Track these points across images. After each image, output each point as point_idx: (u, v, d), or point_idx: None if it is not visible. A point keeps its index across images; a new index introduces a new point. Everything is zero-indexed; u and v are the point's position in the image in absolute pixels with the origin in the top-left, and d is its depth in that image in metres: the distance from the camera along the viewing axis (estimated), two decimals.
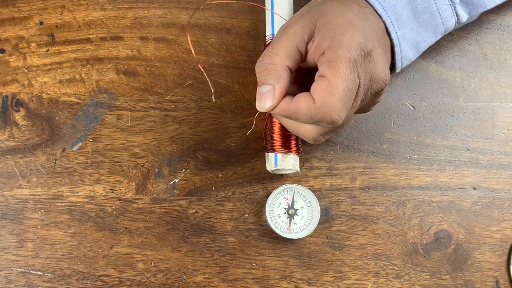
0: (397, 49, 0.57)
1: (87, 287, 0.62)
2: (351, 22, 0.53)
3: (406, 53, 0.58)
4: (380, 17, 0.55)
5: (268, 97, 0.54)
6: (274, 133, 0.62)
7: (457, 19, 0.59)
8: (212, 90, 0.58)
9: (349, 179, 0.66)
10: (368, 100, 0.56)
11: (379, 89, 0.55)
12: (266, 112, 0.59)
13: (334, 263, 0.64)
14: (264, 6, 0.65)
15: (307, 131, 0.56)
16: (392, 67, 0.59)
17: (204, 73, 0.57)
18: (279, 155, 0.62)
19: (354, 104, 0.53)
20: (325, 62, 0.52)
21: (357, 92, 0.53)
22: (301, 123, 0.55)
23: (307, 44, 0.54)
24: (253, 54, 0.67)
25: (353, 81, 0.52)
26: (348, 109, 0.53)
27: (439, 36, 0.60)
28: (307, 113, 0.52)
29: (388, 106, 0.67)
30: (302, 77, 0.59)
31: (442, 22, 0.58)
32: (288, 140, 0.62)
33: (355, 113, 0.56)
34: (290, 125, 0.57)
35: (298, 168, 0.63)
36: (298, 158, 0.63)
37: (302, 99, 0.53)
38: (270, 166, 0.63)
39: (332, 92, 0.51)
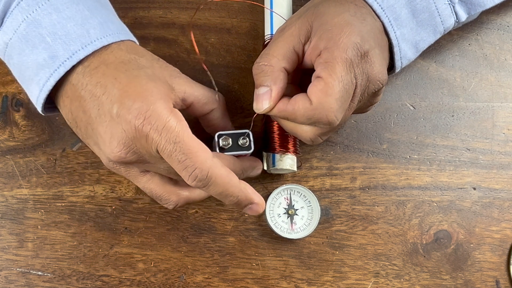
0: (396, 49, 0.57)
1: (87, 287, 0.62)
2: (347, 22, 0.53)
3: (406, 53, 0.58)
4: (379, 17, 0.55)
5: (265, 99, 0.54)
6: (272, 133, 0.62)
7: (456, 18, 0.59)
8: (215, 89, 0.58)
9: (349, 179, 0.66)
10: (365, 101, 0.56)
11: (376, 90, 0.55)
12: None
13: (334, 263, 0.64)
14: (264, 5, 0.65)
15: (305, 132, 0.56)
16: (392, 67, 0.59)
17: (208, 72, 0.57)
18: (277, 155, 0.62)
19: (351, 104, 0.53)
20: (322, 63, 0.52)
21: (354, 93, 0.53)
22: (298, 124, 0.55)
23: (304, 45, 0.54)
24: (253, 54, 0.67)
25: (349, 81, 0.52)
26: (345, 109, 0.53)
27: (438, 36, 0.59)
28: (304, 114, 0.52)
29: (388, 106, 0.67)
30: (300, 77, 0.59)
31: (441, 21, 0.58)
32: (286, 140, 0.62)
33: (353, 113, 0.56)
34: (288, 126, 0.57)
35: (295, 168, 0.63)
36: (295, 158, 0.63)
37: (299, 100, 0.53)
38: (267, 166, 0.63)
39: (328, 93, 0.51)
